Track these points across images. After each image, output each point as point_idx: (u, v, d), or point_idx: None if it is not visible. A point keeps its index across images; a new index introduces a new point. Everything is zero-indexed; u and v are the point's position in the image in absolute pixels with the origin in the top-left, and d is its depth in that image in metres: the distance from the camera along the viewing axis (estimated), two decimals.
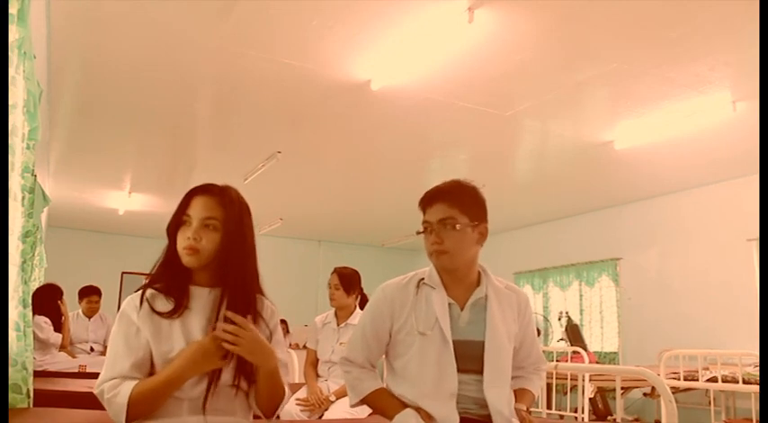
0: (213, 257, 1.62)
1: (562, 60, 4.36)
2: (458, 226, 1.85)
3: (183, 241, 1.62)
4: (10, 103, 1.83)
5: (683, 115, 5.24)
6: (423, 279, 1.96)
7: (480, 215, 1.92)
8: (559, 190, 7.93)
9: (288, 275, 10.59)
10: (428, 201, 1.93)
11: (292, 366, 4.43)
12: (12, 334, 2.08)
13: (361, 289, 3.82)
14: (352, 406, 1.99)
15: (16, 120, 1.94)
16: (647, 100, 5.00)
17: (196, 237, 1.60)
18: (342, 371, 2.01)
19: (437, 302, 1.89)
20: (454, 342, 1.85)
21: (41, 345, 4.92)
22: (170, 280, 1.65)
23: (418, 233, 1.95)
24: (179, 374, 1.52)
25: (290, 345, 9.08)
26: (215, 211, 1.63)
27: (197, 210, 1.64)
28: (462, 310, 1.92)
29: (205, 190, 1.67)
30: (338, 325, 3.72)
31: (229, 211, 1.65)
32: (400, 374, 1.92)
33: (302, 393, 3.59)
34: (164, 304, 1.62)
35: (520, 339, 2.02)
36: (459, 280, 1.94)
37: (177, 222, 1.65)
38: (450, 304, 1.91)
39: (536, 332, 2.20)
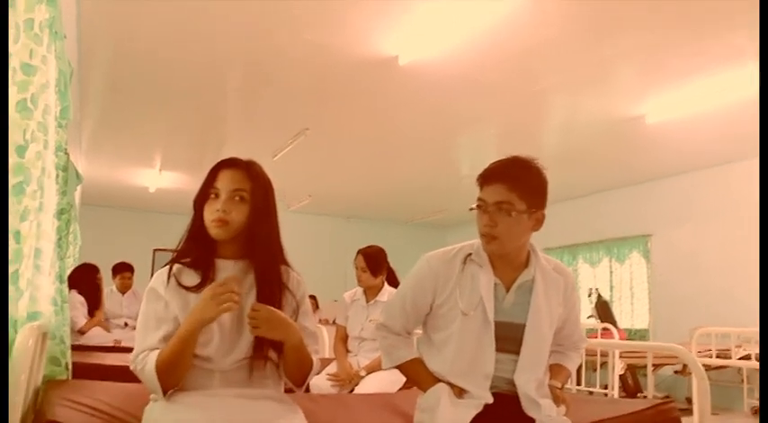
0: (241, 229, 1.64)
1: (592, 33, 4.26)
2: (513, 213, 1.77)
3: (211, 214, 1.63)
4: (42, 82, 1.85)
5: (718, 88, 5.09)
6: (470, 254, 1.89)
7: (539, 202, 1.83)
8: (590, 165, 7.81)
9: (317, 252, 10.64)
10: (487, 178, 1.83)
11: (322, 341, 4.47)
12: (49, 308, 2.14)
13: (389, 264, 3.83)
14: (385, 369, 2.01)
15: (49, 99, 1.97)
16: (681, 73, 4.87)
17: (225, 208, 1.62)
18: (378, 336, 2.01)
19: (483, 282, 1.84)
20: (495, 323, 1.81)
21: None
22: (196, 254, 1.67)
23: (471, 209, 1.86)
24: (189, 324, 1.52)
25: (320, 320, 9.16)
26: (243, 183, 1.65)
27: (225, 182, 1.65)
28: (508, 291, 1.86)
29: (231, 163, 1.69)
30: (367, 302, 3.75)
31: (256, 184, 1.67)
32: (438, 347, 1.89)
33: (332, 368, 3.63)
34: (191, 278, 1.64)
35: (563, 319, 1.97)
36: (508, 261, 1.88)
37: (204, 196, 1.67)
38: (495, 284, 1.85)
39: (580, 314, 2.16)
